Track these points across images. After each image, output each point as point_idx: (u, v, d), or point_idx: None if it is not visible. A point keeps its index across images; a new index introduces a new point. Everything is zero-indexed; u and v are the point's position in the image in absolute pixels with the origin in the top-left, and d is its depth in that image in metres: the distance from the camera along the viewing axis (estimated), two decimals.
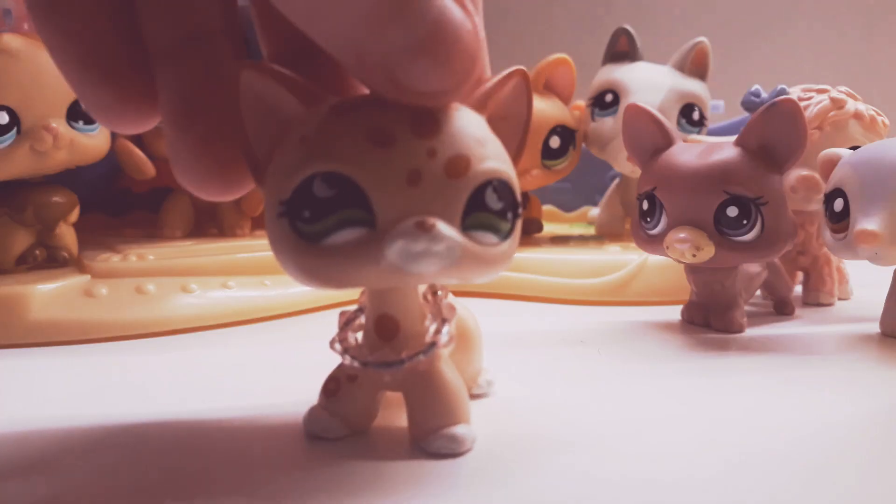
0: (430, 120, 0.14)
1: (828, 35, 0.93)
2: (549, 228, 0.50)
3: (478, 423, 0.17)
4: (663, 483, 0.14)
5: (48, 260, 0.31)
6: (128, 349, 0.26)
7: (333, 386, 0.17)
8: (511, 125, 0.16)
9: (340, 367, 0.17)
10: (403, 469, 0.15)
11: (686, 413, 0.19)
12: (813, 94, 0.32)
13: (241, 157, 0.15)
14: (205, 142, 0.15)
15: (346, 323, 0.17)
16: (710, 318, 0.29)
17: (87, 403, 0.20)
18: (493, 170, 0.14)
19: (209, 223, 0.40)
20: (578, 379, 0.22)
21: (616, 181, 0.47)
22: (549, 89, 0.42)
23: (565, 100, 0.42)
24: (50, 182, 0.31)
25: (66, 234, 0.31)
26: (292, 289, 0.32)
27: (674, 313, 0.31)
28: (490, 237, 0.14)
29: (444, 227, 0.13)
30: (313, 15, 0.13)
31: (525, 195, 0.45)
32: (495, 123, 0.16)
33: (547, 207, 0.58)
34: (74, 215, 0.31)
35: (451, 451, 0.16)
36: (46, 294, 0.27)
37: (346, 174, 0.13)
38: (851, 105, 0.31)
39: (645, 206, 0.27)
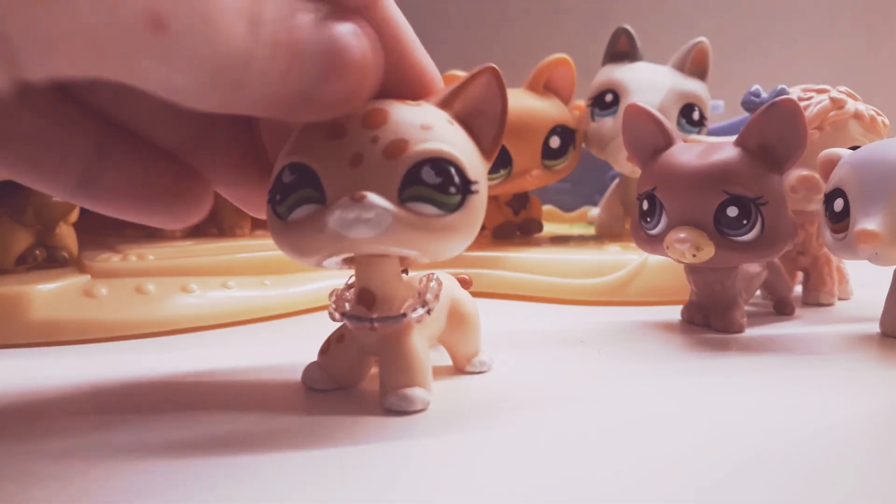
0: (380, 114, 0.17)
1: (828, 35, 0.93)
2: (549, 228, 0.50)
3: (473, 419, 0.17)
4: (663, 483, 0.14)
5: (48, 260, 0.31)
6: (128, 349, 0.26)
7: (325, 346, 0.20)
8: (487, 119, 0.18)
9: (335, 330, 0.20)
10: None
11: (686, 413, 0.19)
12: (813, 94, 0.32)
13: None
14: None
15: (348, 288, 0.20)
16: (710, 318, 0.29)
17: (87, 403, 0.20)
18: (430, 150, 0.16)
19: (209, 223, 0.40)
20: (578, 379, 0.22)
21: (616, 181, 0.47)
22: (549, 89, 0.42)
23: (565, 100, 0.42)
24: None
25: (66, 234, 0.31)
26: (292, 289, 0.32)
27: (674, 313, 0.31)
28: (429, 208, 0.16)
29: (374, 198, 0.16)
30: (236, 94, 0.14)
31: (525, 195, 0.45)
32: (472, 118, 0.18)
33: (547, 207, 0.59)
34: (74, 215, 0.31)
35: (401, 408, 0.18)
36: (46, 294, 0.27)
37: (304, 162, 0.17)
38: (851, 105, 0.31)
39: (645, 206, 0.27)
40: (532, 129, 0.40)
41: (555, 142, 0.41)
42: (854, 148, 0.27)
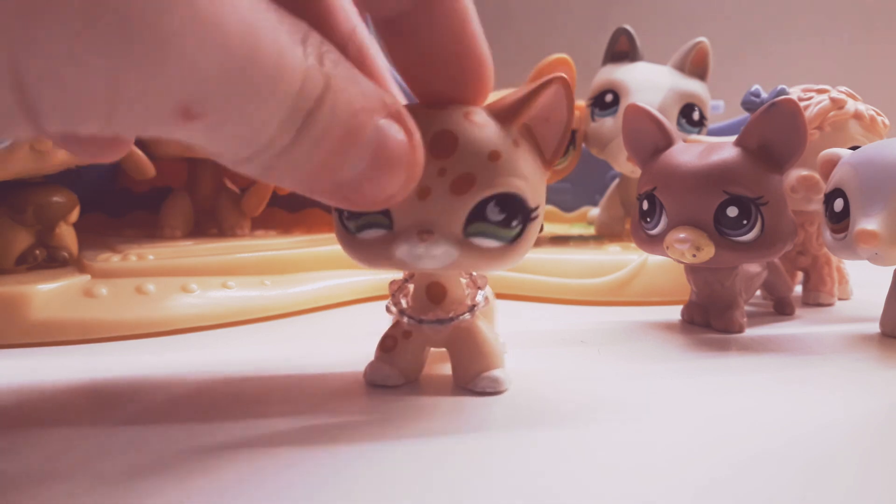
0: (448, 142, 0.16)
1: (828, 35, 0.93)
2: (549, 228, 0.50)
3: (472, 419, 0.17)
4: (663, 482, 0.14)
5: (48, 260, 0.31)
6: (128, 349, 0.26)
7: (391, 343, 0.20)
8: (552, 126, 0.18)
9: (395, 326, 0.20)
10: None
11: (686, 413, 0.19)
12: (813, 94, 0.32)
13: None
14: None
15: (398, 290, 0.20)
16: (710, 318, 0.29)
17: (87, 403, 0.20)
18: (496, 190, 0.16)
19: (209, 223, 0.40)
20: (578, 379, 0.22)
21: (616, 181, 0.47)
22: None
23: None
24: (50, 182, 0.31)
25: (66, 234, 0.31)
26: (292, 289, 0.32)
27: (674, 313, 0.31)
28: (491, 242, 0.17)
29: (439, 239, 0.16)
30: (269, 173, 0.14)
31: None
32: (538, 125, 0.18)
33: (547, 207, 0.58)
34: (74, 215, 0.31)
35: (494, 389, 0.20)
36: (46, 294, 0.27)
37: None
38: (851, 105, 0.31)
39: (645, 206, 0.27)
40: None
41: None
42: (854, 148, 0.27)
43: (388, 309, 0.20)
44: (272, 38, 0.12)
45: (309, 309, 0.32)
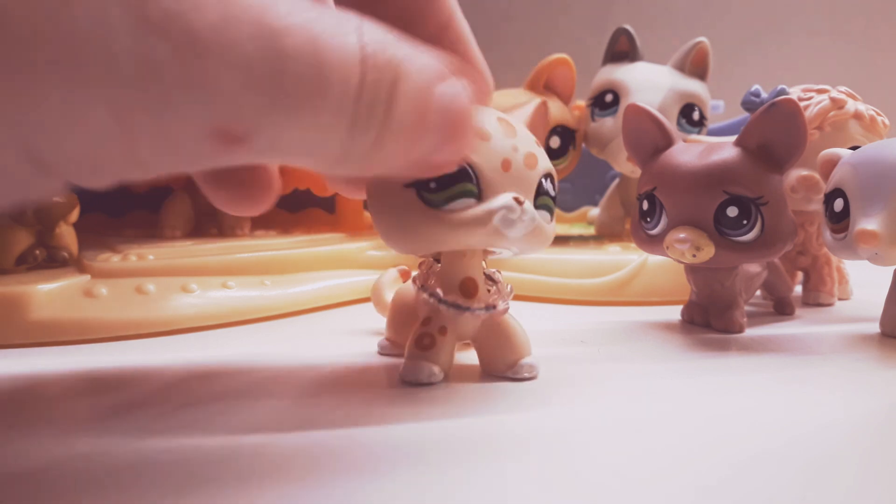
0: (510, 125, 0.19)
1: (828, 35, 0.93)
2: None
3: (472, 419, 0.17)
4: (663, 482, 0.14)
5: (48, 260, 0.31)
6: (128, 349, 0.26)
7: (429, 341, 0.21)
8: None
9: (428, 324, 0.21)
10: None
11: (686, 413, 0.19)
12: (813, 94, 0.32)
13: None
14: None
15: (427, 270, 0.21)
16: (710, 318, 0.29)
17: (87, 403, 0.20)
18: (547, 166, 0.20)
19: (209, 223, 0.40)
20: (578, 379, 0.22)
21: (616, 181, 0.47)
22: (549, 89, 0.42)
23: (565, 100, 0.42)
24: None
25: (66, 234, 0.31)
26: (292, 289, 0.32)
27: (674, 313, 0.31)
28: (547, 215, 0.20)
29: (529, 203, 0.18)
30: (365, 169, 0.14)
31: None
32: None
33: None
34: (74, 215, 0.31)
35: (532, 374, 0.21)
36: (46, 294, 0.27)
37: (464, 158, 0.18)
38: (851, 105, 0.31)
39: (645, 206, 0.27)
40: (532, 128, 0.40)
41: (555, 142, 0.41)
42: (854, 148, 0.27)
43: (423, 301, 0.21)
44: (324, 35, 0.11)
45: (309, 309, 0.32)
